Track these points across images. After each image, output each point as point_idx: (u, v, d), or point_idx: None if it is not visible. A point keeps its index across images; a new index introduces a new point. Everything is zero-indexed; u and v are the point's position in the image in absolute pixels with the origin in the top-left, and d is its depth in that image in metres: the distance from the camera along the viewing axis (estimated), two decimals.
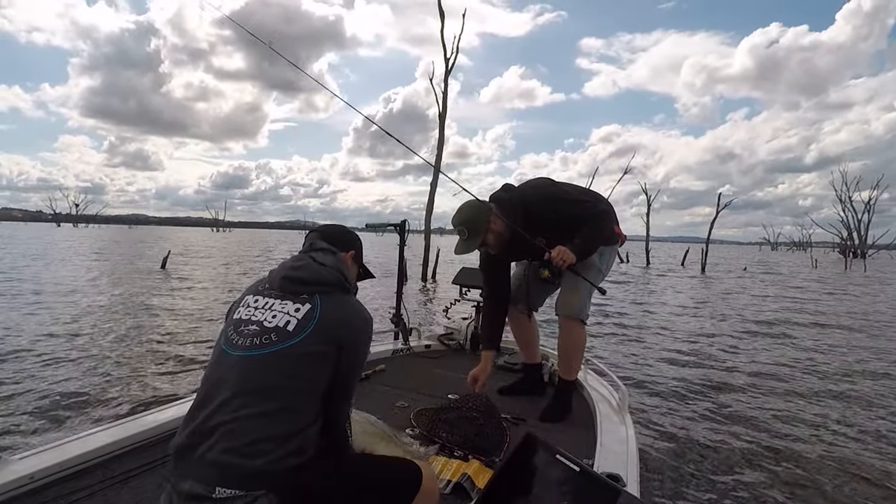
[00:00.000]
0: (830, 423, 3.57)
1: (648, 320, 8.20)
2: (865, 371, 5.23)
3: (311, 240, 1.38)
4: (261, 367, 1.11)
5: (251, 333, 1.16)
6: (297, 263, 1.26)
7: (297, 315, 1.16)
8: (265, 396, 1.08)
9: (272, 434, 1.06)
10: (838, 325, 8.30)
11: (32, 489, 1.38)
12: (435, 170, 15.08)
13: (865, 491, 2.61)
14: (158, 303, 8.19)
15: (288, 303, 1.19)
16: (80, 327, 6.03)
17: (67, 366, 4.42)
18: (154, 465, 1.55)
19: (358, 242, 1.45)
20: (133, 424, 1.72)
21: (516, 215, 2.08)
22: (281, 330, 1.14)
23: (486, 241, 2.08)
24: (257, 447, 1.04)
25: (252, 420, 1.06)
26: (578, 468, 1.10)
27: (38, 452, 1.50)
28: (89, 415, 3.37)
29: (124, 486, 1.44)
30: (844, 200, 50.04)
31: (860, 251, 47.96)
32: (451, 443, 1.73)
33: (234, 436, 1.05)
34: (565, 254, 1.95)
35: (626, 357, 5.54)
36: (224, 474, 1.02)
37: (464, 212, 2.08)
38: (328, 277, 1.24)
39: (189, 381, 4.15)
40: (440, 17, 15.00)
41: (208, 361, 1.21)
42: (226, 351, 1.16)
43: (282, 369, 1.11)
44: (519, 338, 2.56)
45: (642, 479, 1.97)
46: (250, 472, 1.03)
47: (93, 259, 17.48)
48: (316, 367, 1.14)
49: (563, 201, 2.12)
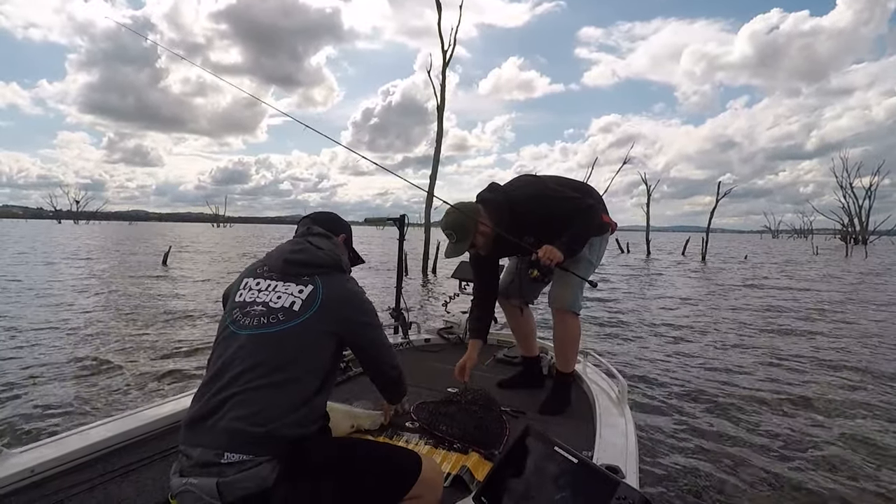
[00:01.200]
0: (831, 419, 3.57)
1: (647, 312, 8.21)
2: (862, 360, 5.24)
3: (306, 224, 1.46)
4: (269, 342, 1.17)
5: (258, 314, 1.22)
6: (297, 247, 1.34)
7: (301, 296, 1.24)
8: (273, 369, 1.15)
9: (279, 403, 1.12)
10: (832, 312, 8.33)
11: (33, 482, 1.39)
12: (434, 163, 15.07)
13: (867, 490, 2.60)
14: (160, 300, 8.21)
15: (290, 284, 1.26)
16: (80, 325, 6.06)
17: (68, 364, 4.44)
18: (154, 459, 1.55)
19: (348, 227, 1.55)
20: (133, 418, 1.72)
21: (503, 216, 2.08)
22: (287, 310, 1.21)
23: (475, 243, 2.09)
24: (264, 415, 1.10)
25: (260, 391, 1.12)
26: (577, 460, 1.10)
27: (39, 446, 1.50)
28: (89, 409, 3.39)
29: (125, 479, 1.45)
30: (845, 187, 50.04)
31: (861, 237, 47.91)
32: (451, 436, 1.74)
33: (243, 405, 1.10)
34: (552, 252, 1.95)
35: (626, 349, 5.56)
36: (232, 440, 1.07)
37: (451, 215, 2.08)
38: (326, 260, 1.32)
39: (189, 376, 4.17)
40: (437, 9, 14.92)
41: (214, 342, 1.26)
42: (234, 332, 1.21)
43: (289, 345, 1.18)
44: (516, 331, 2.57)
45: (641, 471, 1.98)
46: (257, 438, 1.08)
47: (99, 261, 17.47)
48: (321, 344, 1.22)
49: (549, 199, 2.10)
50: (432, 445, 1.70)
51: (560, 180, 2.26)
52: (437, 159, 15.18)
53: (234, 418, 1.08)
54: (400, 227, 3.00)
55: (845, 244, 37.53)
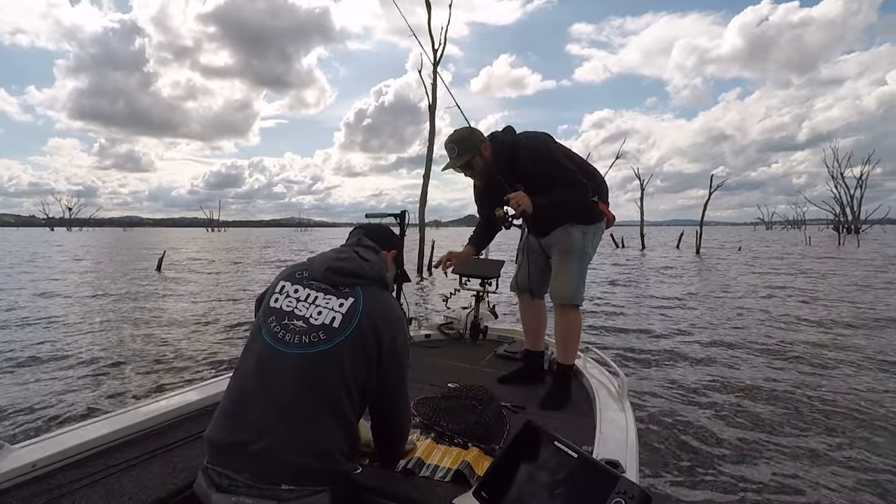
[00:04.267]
0: (832, 415, 3.57)
1: (646, 307, 8.24)
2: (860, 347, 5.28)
3: (357, 236, 1.43)
4: (313, 366, 1.15)
5: (298, 330, 1.19)
6: (342, 255, 1.30)
7: (342, 310, 1.20)
8: (320, 395, 1.13)
9: (332, 433, 1.13)
10: (826, 299, 8.38)
11: (34, 477, 1.38)
12: (427, 162, 15.06)
13: (868, 488, 2.59)
14: (156, 303, 8.18)
15: (331, 298, 1.23)
16: (82, 327, 6.03)
17: (70, 358, 4.42)
18: (155, 454, 1.55)
19: (400, 244, 1.51)
20: (135, 413, 1.72)
21: (504, 156, 2.15)
22: (328, 327, 1.18)
23: (473, 163, 2.15)
24: (322, 447, 1.11)
25: (310, 419, 1.11)
26: (577, 455, 1.10)
27: (40, 441, 1.50)
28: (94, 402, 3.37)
29: (126, 474, 1.44)
30: (836, 177, 50.35)
31: (853, 227, 48.24)
32: (451, 431, 1.74)
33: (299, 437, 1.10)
34: (522, 198, 1.99)
35: (625, 344, 5.57)
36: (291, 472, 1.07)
37: (458, 132, 2.15)
38: (370, 272, 1.28)
39: (188, 374, 4.16)
40: (427, 8, 14.90)
41: (247, 350, 1.23)
42: (275, 347, 1.18)
43: (333, 367, 1.15)
44: (527, 324, 2.56)
45: (641, 466, 1.98)
46: (317, 472, 1.09)
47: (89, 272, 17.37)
48: (361, 363, 1.19)
49: (552, 161, 2.12)
50: (433, 440, 1.70)
51: (571, 154, 2.26)
52: (429, 158, 15.18)
53: (294, 452, 1.08)
54: (401, 223, 3.01)
55: (838, 234, 37.80)
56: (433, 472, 1.49)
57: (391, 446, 1.44)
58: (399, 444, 1.45)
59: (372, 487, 1.39)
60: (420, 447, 1.63)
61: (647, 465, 2.68)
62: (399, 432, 1.40)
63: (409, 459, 1.53)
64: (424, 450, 1.61)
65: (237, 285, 11.06)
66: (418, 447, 1.62)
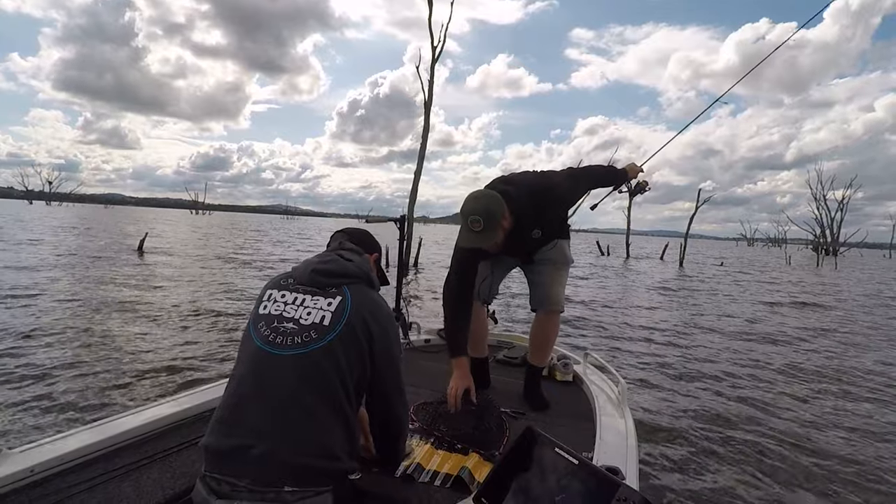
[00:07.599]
0: (831, 417, 3.64)
1: (639, 316, 8.27)
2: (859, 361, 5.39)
3: (339, 240, 1.45)
4: (308, 364, 1.15)
5: (290, 332, 1.19)
6: (326, 258, 1.32)
7: (331, 308, 1.21)
8: (319, 392, 1.14)
9: (333, 432, 1.13)
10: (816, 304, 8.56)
11: (33, 482, 1.36)
12: (419, 158, 15.00)
13: (870, 487, 2.66)
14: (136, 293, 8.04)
15: (319, 298, 1.23)
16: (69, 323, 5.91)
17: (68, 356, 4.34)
18: (154, 459, 1.54)
19: (380, 247, 1.53)
20: (134, 418, 1.70)
21: (525, 211, 1.94)
22: (318, 326, 1.19)
23: (496, 237, 1.85)
24: (324, 446, 1.11)
25: (310, 418, 1.12)
26: (578, 461, 1.11)
27: (39, 445, 1.47)
28: (91, 406, 3.32)
29: (125, 479, 1.43)
30: (819, 199, 51.38)
31: (832, 248, 49.22)
32: (451, 436, 1.74)
33: (300, 437, 1.10)
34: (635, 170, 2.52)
35: (625, 351, 5.60)
36: (293, 474, 1.07)
37: (481, 200, 1.83)
38: (355, 270, 1.30)
39: (189, 375, 4.11)
40: (428, 4, 14.82)
41: (240, 358, 1.23)
42: (269, 351, 1.18)
43: (328, 364, 1.16)
44: (474, 332, 2.30)
45: (641, 473, 2.01)
46: (319, 472, 1.09)
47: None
48: (355, 358, 1.20)
49: (558, 204, 2.20)
50: (432, 446, 1.71)
51: (556, 171, 2.28)
52: (422, 154, 15.12)
53: (296, 452, 1.08)
54: (401, 228, 3.02)
55: (817, 254, 38.47)
56: (432, 477, 1.50)
57: (393, 442, 1.43)
58: (400, 438, 1.44)
59: (371, 493, 1.37)
60: (419, 452, 1.63)
61: (648, 473, 2.69)
62: (399, 426, 1.40)
63: (408, 465, 1.53)
64: (424, 455, 1.62)
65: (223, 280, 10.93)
66: (418, 452, 1.63)
